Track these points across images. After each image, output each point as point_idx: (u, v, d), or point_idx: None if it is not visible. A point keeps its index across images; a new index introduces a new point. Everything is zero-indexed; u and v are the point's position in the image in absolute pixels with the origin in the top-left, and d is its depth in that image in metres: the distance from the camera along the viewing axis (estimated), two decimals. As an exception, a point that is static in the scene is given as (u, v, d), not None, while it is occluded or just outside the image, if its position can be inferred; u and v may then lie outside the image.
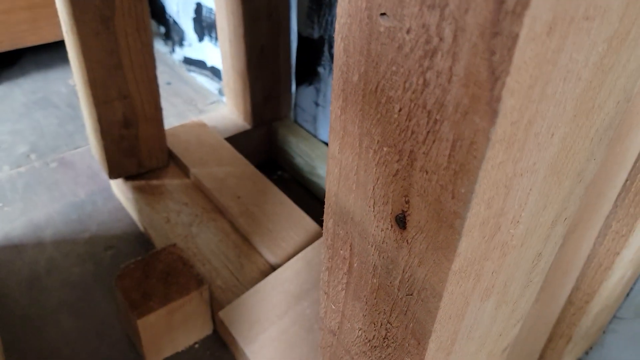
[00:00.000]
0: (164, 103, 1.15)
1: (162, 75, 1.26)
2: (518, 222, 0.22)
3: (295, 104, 0.94)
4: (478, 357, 0.30)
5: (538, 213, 0.23)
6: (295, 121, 0.96)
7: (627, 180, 0.38)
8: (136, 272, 0.62)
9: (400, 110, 0.20)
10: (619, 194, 0.39)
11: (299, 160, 0.90)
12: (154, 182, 0.79)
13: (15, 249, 0.77)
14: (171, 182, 0.79)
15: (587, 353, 0.54)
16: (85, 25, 0.62)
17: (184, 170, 0.81)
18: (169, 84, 1.24)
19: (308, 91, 0.90)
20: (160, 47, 1.37)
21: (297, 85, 0.92)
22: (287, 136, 0.91)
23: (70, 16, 0.62)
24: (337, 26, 0.22)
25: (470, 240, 0.20)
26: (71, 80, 1.22)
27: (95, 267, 0.75)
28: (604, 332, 0.53)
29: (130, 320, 0.59)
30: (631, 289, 0.51)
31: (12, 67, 1.25)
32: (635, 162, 0.37)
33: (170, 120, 1.10)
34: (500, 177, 0.19)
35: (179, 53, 1.29)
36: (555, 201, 0.24)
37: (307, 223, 0.70)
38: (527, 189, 0.21)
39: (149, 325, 0.58)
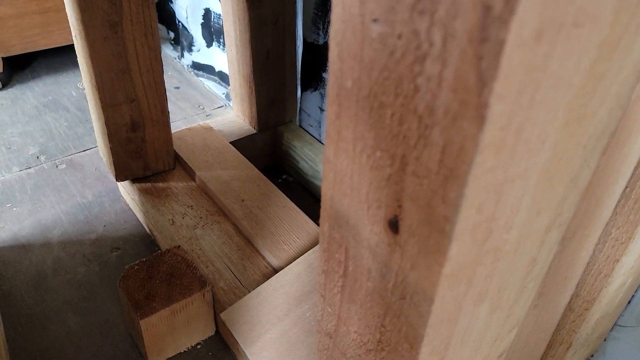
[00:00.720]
0: (172, 107, 1.17)
1: (171, 80, 1.27)
2: (511, 227, 0.22)
3: (301, 109, 0.95)
4: (473, 363, 0.30)
5: (531, 219, 0.23)
6: (300, 126, 0.96)
7: (626, 188, 0.38)
8: (140, 273, 0.63)
9: (392, 115, 0.20)
10: (619, 201, 0.39)
11: (304, 165, 0.90)
12: (160, 184, 0.79)
13: (22, 249, 0.78)
14: (177, 184, 0.79)
15: (589, 361, 0.53)
16: (93, 30, 0.63)
17: (189, 173, 0.81)
18: (177, 88, 1.25)
19: (313, 96, 0.90)
20: (169, 52, 1.39)
21: (303, 90, 0.92)
22: (292, 140, 0.91)
23: (79, 21, 0.63)
24: (331, 32, 0.22)
25: (461, 244, 0.21)
26: (80, 83, 1.23)
27: (101, 267, 0.75)
28: (605, 339, 0.53)
29: (134, 320, 0.60)
30: (633, 296, 0.50)
31: (24, 70, 1.27)
32: (635, 170, 0.37)
33: (178, 123, 1.11)
34: (490, 183, 0.19)
35: (188, 58, 1.31)
36: (549, 207, 0.24)
37: (310, 226, 0.70)
38: (519, 194, 0.21)
39: (151, 325, 0.58)
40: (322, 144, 0.92)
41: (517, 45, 0.15)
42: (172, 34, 1.36)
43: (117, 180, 0.79)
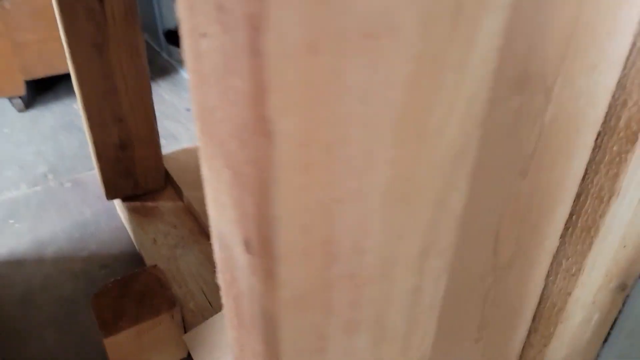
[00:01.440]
0: (180, 128, 1.19)
1: (183, 102, 1.30)
2: (363, 251, 0.21)
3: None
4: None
5: (391, 243, 0.22)
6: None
7: (572, 215, 0.35)
8: (113, 291, 0.63)
9: (221, 127, 0.20)
10: (567, 229, 0.36)
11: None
12: (150, 203, 0.81)
13: (17, 264, 0.80)
14: (165, 204, 0.80)
15: (560, 403, 0.49)
16: (79, 52, 0.66)
17: (178, 193, 0.82)
18: (188, 110, 1.28)
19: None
20: (185, 74, 1.43)
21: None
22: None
23: (66, 43, 0.65)
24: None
25: (294, 269, 0.19)
26: (76, 104, 1.28)
27: (87, 285, 0.77)
28: (577, 380, 0.49)
29: (101, 338, 0.60)
30: (609, 334, 0.46)
31: (46, 92, 1.33)
32: (579, 196, 0.34)
33: (184, 145, 1.13)
34: (309, 203, 0.18)
35: (201, 80, 1.34)
36: (414, 231, 0.22)
37: (289, 249, 0.69)
38: (360, 215, 0.20)
39: (117, 344, 0.58)
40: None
41: (285, 57, 0.15)
42: (187, 59, 1.40)
43: (107, 199, 0.81)
